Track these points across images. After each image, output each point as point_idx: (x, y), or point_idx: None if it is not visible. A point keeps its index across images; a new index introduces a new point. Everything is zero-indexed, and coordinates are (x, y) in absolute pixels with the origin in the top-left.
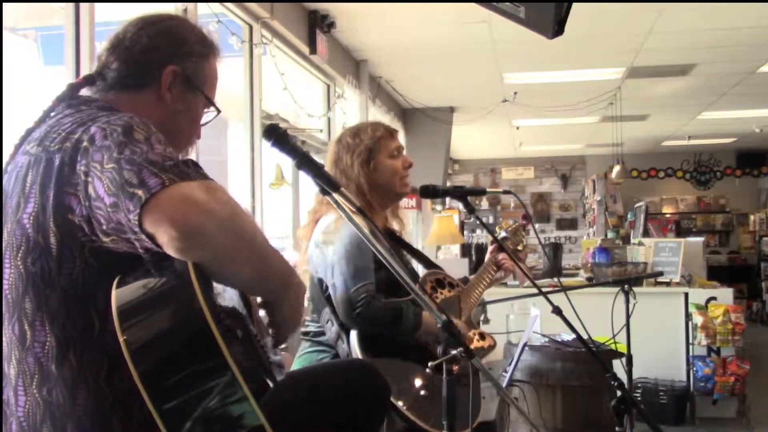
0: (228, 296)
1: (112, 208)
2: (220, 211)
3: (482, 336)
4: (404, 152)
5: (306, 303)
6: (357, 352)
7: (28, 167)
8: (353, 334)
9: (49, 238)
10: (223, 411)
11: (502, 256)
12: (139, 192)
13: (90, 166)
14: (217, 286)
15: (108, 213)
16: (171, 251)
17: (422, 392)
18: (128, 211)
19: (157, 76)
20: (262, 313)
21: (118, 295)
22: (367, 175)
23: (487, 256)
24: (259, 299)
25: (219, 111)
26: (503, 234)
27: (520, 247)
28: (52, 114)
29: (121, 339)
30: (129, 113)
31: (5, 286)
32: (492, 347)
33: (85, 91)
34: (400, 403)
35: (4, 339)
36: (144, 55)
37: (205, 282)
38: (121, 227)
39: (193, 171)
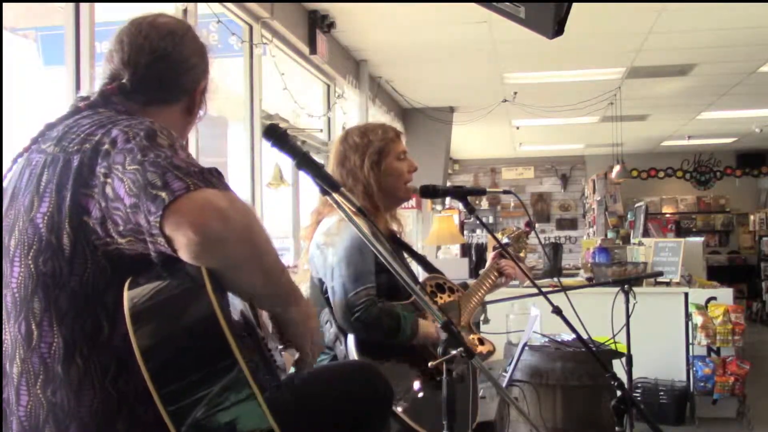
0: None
1: (132, 209)
2: (239, 221)
3: (481, 341)
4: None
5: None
6: (353, 355)
7: (44, 166)
8: (350, 337)
9: (62, 238)
10: (233, 411)
11: (503, 262)
12: (163, 194)
13: (111, 167)
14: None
15: (127, 214)
16: (186, 255)
17: (419, 396)
18: (149, 213)
19: (191, 91)
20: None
21: (130, 296)
22: (376, 177)
23: (489, 262)
24: (266, 314)
25: (200, 118)
26: (506, 240)
27: (522, 254)
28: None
29: (133, 339)
30: (150, 119)
31: (13, 285)
32: (491, 352)
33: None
34: (396, 407)
35: (7, 337)
36: (182, 74)
37: (217, 286)
38: (139, 228)
39: (217, 180)
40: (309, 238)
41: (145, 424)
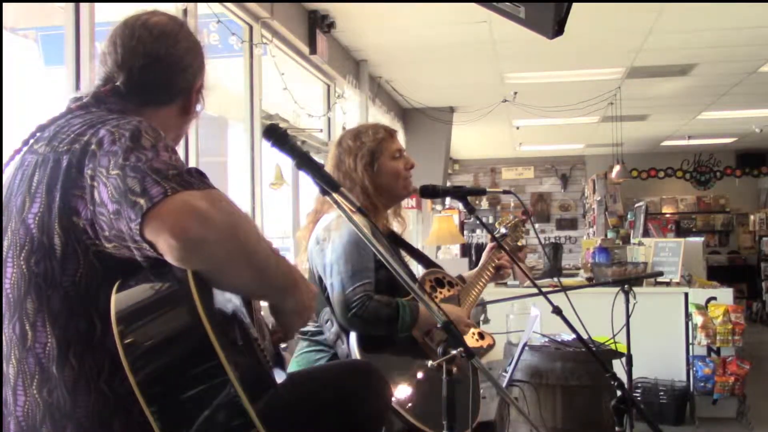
0: (229, 296)
1: (115, 216)
2: (220, 222)
3: (481, 335)
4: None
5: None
6: (356, 353)
7: (35, 166)
8: (353, 335)
9: (53, 238)
10: (220, 415)
11: (500, 254)
12: (141, 201)
13: (96, 170)
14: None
15: (110, 220)
16: (170, 259)
17: (421, 393)
18: (130, 220)
19: (186, 91)
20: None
21: (117, 300)
22: (371, 177)
23: (485, 255)
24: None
25: (198, 115)
26: (502, 230)
27: (520, 243)
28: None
29: (119, 344)
30: (139, 117)
31: (6, 285)
32: (491, 346)
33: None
34: (398, 405)
35: (3, 338)
36: (176, 76)
37: (204, 288)
38: (122, 235)
39: (197, 180)
40: (306, 239)
41: (142, 425)
